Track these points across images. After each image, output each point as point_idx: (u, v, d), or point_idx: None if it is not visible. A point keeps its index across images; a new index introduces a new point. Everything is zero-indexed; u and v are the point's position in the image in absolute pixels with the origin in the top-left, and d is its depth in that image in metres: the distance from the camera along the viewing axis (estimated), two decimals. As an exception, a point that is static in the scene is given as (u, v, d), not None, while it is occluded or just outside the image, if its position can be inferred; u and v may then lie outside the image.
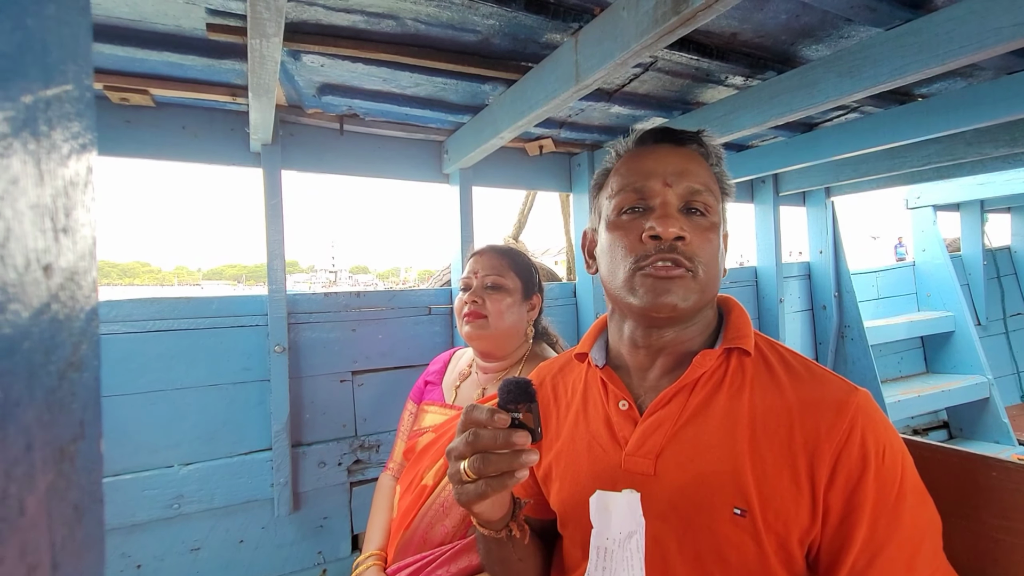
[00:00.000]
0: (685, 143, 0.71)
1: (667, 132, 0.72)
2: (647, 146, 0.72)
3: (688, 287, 0.64)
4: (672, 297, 0.63)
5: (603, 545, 0.64)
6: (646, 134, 0.74)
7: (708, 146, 0.72)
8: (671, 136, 0.72)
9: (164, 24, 1.01)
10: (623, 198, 0.69)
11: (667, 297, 0.63)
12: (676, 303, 0.63)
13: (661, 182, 0.67)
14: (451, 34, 1.10)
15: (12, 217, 0.12)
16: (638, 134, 0.75)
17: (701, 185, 0.67)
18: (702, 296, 0.66)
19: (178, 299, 1.40)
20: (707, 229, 0.67)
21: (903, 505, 0.56)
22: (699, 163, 0.70)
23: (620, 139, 0.77)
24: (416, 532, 1.03)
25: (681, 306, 0.64)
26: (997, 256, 3.72)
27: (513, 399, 0.57)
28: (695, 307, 0.66)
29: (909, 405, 2.79)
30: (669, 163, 0.68)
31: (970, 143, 1.76)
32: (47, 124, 0.15)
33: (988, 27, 0.89)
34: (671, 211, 0.66)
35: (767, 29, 1.13)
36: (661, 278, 0.64)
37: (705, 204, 0.67)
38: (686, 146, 0.71)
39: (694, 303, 0.65)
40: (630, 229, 0.67)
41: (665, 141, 0.72)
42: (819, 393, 0.61)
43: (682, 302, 0.64)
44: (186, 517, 1.37)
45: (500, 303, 1.14)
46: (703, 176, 0.69)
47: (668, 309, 0.64)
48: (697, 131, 0.73)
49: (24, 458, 0.13)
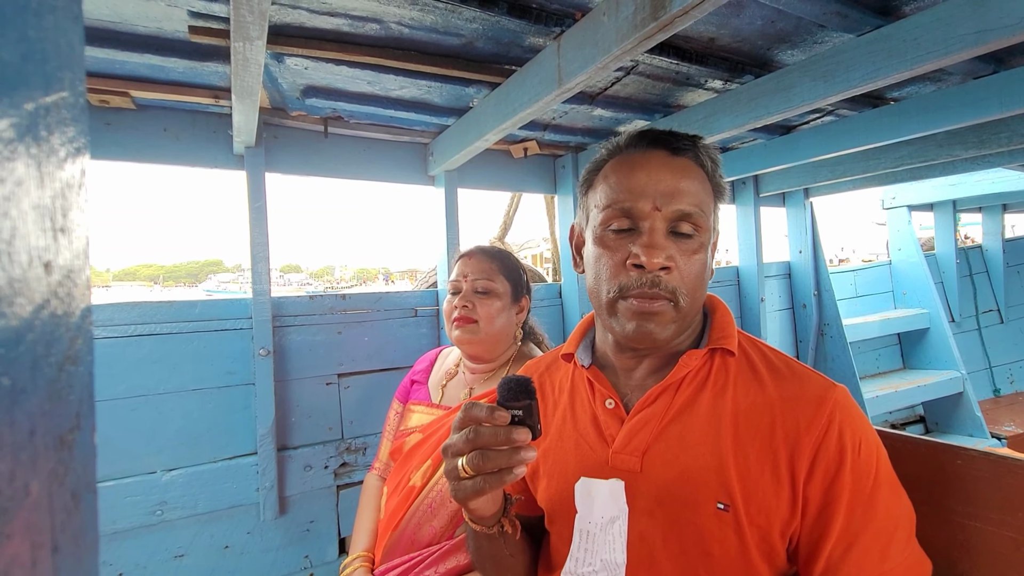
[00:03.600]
0: (680, 152, 0.67)
1: (662, 137, 0.68)
2: (640, 151, 0.68)
3: (668, 318, 0.65)
4: (652, 328, 0.64)
5: (586, 528, 0.66)
6: (640, 136, 0.69)
7: (704, 155, 0.69)
8: (667, 142, 0.68)
9: (145, 26, 1.01)
10: (609, 214, 0.67)
11: (646, 329, 0.64)
12: (656, 335, 0.65)
13: (651, 204, 0.64)
14: (435, 37, 1.11)
15: (17, 217, 0.13)
16: (631, 135, 0.71)
17: (693, 207, 0.65)
18: (683, 323, 0.67)
19: (160, 303, 1.38)
20: (694, 251, 0.66)
21: (878, 496, 0.58)
22: (694, 176, 0.67)
23: (612, 138, 0.74)
24: (404, 533, 1.04)
25: (660, 337, 0.65)
26: (969, 254, 3.84)
27: (513, 396, 0.57)
28: (675, 334, 0.67)
29: (887, 400, 2.86)
30: (661, 180, 0.65)
31: (941, 145, 1.82)
32: (47, 129, 0.15)
33: (953, 34, 0.93)
34: (657, 239, 0.64)
35: (744, 34, 1.16)
36: (643, 312, 0.64)
37: (695, 225, 0.65)
38: (681, 155, 0.67)
39: (674, 331, 0.66)
40: (615, 250, 0.66)
41: (659, 146, 0.68)
42: (799, 390, 0.63)
43: (661, 333, 0.65)
44: (170, 524, 1.35)
45: (490, 307, 1.14)
46: (696, 194, 0.66)
47: (648, 341, 0.65)
48: (693, 137, 0.69)
49: (28, 443, 0.13)
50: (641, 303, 0.64)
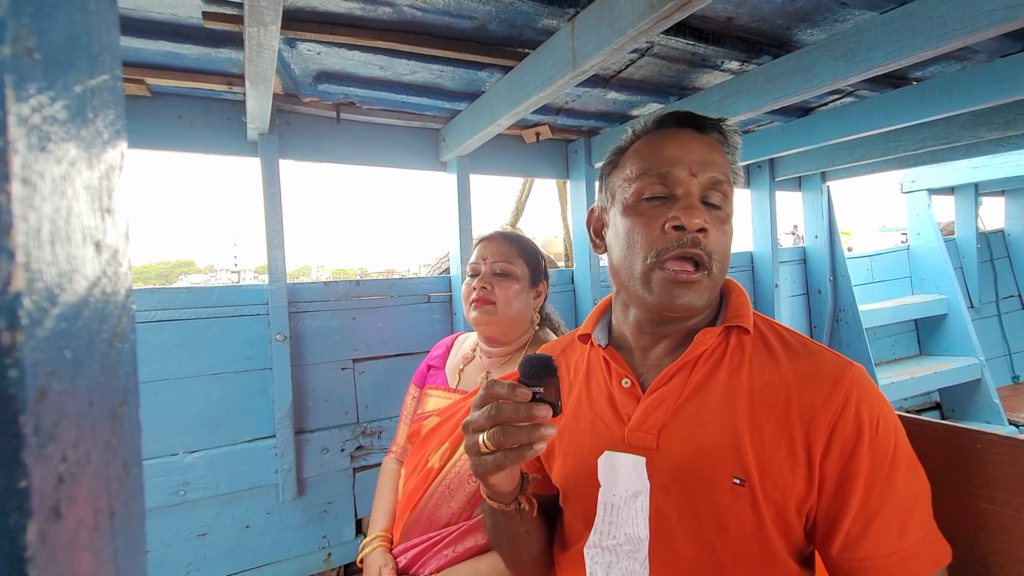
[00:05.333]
0: (707, 130, 0.70)
1: (690, 117, 0.71)
2: (669, 129, 0.71)
3: (703, 287, 0.66)
4: (688, 298, 0.65)
5: (610, 501, 0.67)
6: (668, 116, 0.72)
7: (728, 135, 0.71)
8: (694, 121, 0.71)
9: (160, 12, 1.01)
10: (644, 183, 0.68)
11: (683, 299, 0.65)
12: (692, 303, 0.65)
13: (687, 171, 0.66)
14: (447, 20, 1.10)
15: (72, 196, 0.14)
16: (658, 115, 0.73)
17: (723, 176, 0.67)
18: (714, 292, 0.68)
19: (179, 289, 1.41)
20: (723, 221, 0.68)
21: (896, 473, 0.58)
22: (720, 153, 0.69)
23: (638, 120, 0.76)
24: (422, 513, 1.06)
25: (696, 305, 0.66)
26: (991, 239, 3.75)
27: (535, 373, 0.58)
28: (708, 303, 0.68)
29: (902, 387, 2.83)
30: (694, 151, 0.67)
31: (964, 126, 1.77)
32: (93, 112, 0.16)
33: (981, 10, 0.90)
34: (695, 202, 0.65)
35: (763, 13, 1.13)
36: (681, 282, 0.65)
37: (724, 195, 0.68)
38: (707, 133, 0.70)
39: (707, 300, 0.67)
40: (652, 217, 0.67)
41: (688, 126, 0.71)
42: (815, 368, 0.63)
43: (697, 301, 0.66)
44: (192, 504, 1.39)
45: (508, 290, 1.15)
46: (724, 167, 0.68)
47: (684, 310, 0.66)
48: (718, 119, 0.72)
49: (88, 413, 0.14)
50: (681, 270, 0.65)
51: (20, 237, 0.11)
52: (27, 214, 0.12)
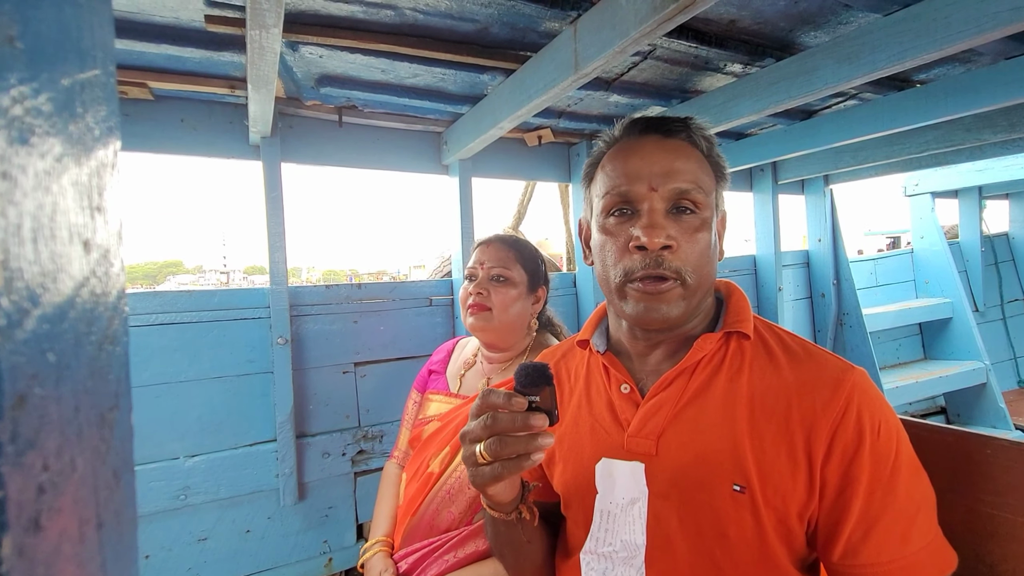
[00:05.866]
0: (673, 134, 0.69)
1: (653, 123, 0.70)
2: (633, 138, 0.70)
3: (676, 295, 0.65)
4: (662, 310, 0.64)
5: (607, 508, 0.66)
6: (632, 124, 0.72)
7: (697, 135, 0.69)
8: (658, 127, 0.69)
9: (162, 16, 1.01)
10: (608, 200, 0.68)
11: (657, 311, 0.64)
12: (667, 315, 0.65)
13: (647, 186, 0.65)
14: (449, 23, 1.10)
15: (58, 192, 0.13)
16: (624, 124, 0.73)
17: (689, 184, 0.65)
18: (692, 300, 0.67)
19: (180, 292, 1.40)
20: (696, 229, 0.66)
21: (898, 479, 0.58)
22: (688, 155, 0.67)
23: (607, 130, 0.75)
24: (423, 518, 1.05)
25: (671, 316, 0.65)
26: (995, 243, 3.73)
27: (531, 382, 0.57)
28: (687, 312, 0.67)
29: (907, 391, 2.81)
30: (655, 162, 0.66)
31: (968, 129, 1.77)
32: (82, 106, 0.15)
33: (986, 11, 0.90)
34: (657, 219, 0.64)
35: (766, 16, 1.13)
36: (650, 294, 0.64)
37: (694, 202, 0.66)
38: (674, 137, 0.69)
39: (685, 309, 0.66)
40: (617, 235, 0.67)
41: (652, 132, 0.69)
42: (816, 372, 0.62)
43: (672, 312, 0.65)
44: (193, 508, 1.39)
45: (505, 295, 1.13)
46: (691, 172, 0.66)
47: (659, 322, 0.66)
48: (684, 119, 0.70)
49: (74, 419, 0.14)
50: (647, 284, 0.64)
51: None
52: (6, 209, 0.11)
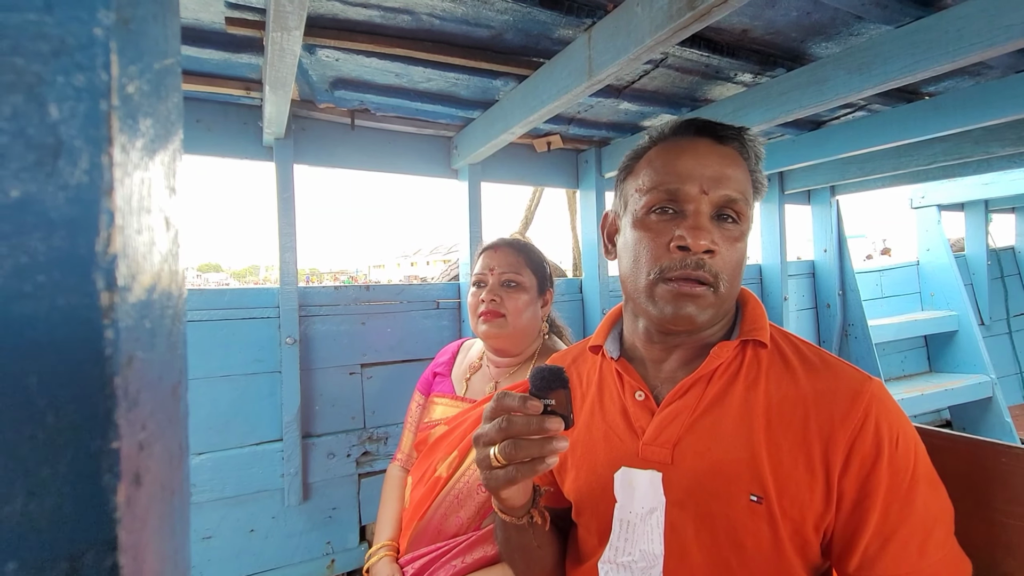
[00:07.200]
0: (726, 141, 0.67)
1: (709, 126, 0.68)
2: (686, 138, 0.68)
3: (707, 302, 0.64)
4: (691, 310, 0.63)
5: (626, 518, 0.66)
6: (686, 123, 0.69)
7: (750, 146, 0.68)
8: (712, 131, 0.68)
9: (183, 18, 1.03)
10: (654, 197, 0.66)
11: (686, 310, 0.63)
12: (694, 317, 0.64)
13: (698, 187, 0.64)
14: (464, 29, 1.11)
15: (152, 169, 0.14)
16: (677, 122, 0.70)
17: (738, 193, 0.65)
18: (720, 308, 0.66)
19: (190, 291, 1.41)
20: (736, 239, 0.65)
21: (915, 491, 0.57)
22: (738, 165, 0.66)
23: (655, 127, 0.73)
24: (430, 523, 1.05)
25: (699, 320, 0.64)
26: (1001, 256, 3.73)
27: (546, 385, 0.56)
28: (712, 319, 0.66)
29: (912, 403, 2.80)
30: (708, 166, 0.65)
31: (977, 142, 1.77)
32: (165, 90, 0.16)
33: (998, 25, 0.90)
34: (703, 222, 0.63)
35: (778, 26, 1.14)
36: (684, 294, 0.63)
37: (738, 212, 0.65)
38: (727, 144, 0.67)
39: (712, 316, 0.65)
40: (658, 232, 0.65)
41: (706, 135, 0.68)
42: (833, 382, 0.62)
43: (700, 316, 0.64)
44: (198, 506, 1.39)
45: (518, 301, 1.13)
46: (740, 182, 0.65)
47: (686, 322, 0.64)
48: (740, 128, 0.69)
49: (158, 387, 0.14)
50: (682, 285, 0.63)
51: (119, 200, 0.11)
52: (124, 179, 0.12)
